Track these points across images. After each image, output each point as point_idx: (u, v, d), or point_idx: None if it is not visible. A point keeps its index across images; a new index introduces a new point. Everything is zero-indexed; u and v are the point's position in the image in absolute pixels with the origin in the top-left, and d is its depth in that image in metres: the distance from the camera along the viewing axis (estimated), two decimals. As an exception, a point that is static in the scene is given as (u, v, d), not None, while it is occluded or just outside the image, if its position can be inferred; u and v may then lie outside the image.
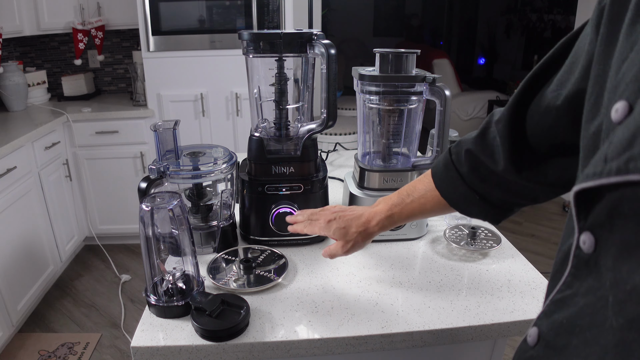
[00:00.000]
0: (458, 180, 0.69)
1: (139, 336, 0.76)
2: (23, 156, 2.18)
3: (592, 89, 0.41)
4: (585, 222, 0.36)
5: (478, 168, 0.66)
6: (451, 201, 0.72)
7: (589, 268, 0.36)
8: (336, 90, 0.94)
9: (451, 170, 0.70)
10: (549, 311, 0.41)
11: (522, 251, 1.04)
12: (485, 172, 0.65)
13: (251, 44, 0.96)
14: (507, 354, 2.09)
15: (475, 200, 0.69)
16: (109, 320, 2.30)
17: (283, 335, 0.75)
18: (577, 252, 0.38)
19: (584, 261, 0.37)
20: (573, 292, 0.38)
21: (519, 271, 0.94)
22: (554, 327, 0.40)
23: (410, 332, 0.77)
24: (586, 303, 0.36)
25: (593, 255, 0.36)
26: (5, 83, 2.64)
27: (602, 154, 0.33)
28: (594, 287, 0.35)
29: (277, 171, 1.00)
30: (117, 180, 2.77)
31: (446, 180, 0.72)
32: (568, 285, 0.39)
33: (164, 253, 0.82)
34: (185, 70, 2.64)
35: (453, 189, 0.71)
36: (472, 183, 0.68)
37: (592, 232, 0.35)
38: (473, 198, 0.69)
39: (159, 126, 0.92)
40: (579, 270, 0.38)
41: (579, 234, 0.37)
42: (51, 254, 2.45)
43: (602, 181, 0.32)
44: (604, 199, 0.33)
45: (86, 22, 2.74)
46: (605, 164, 0.32)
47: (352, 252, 0.82)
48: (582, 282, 0.37)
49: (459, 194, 0.70)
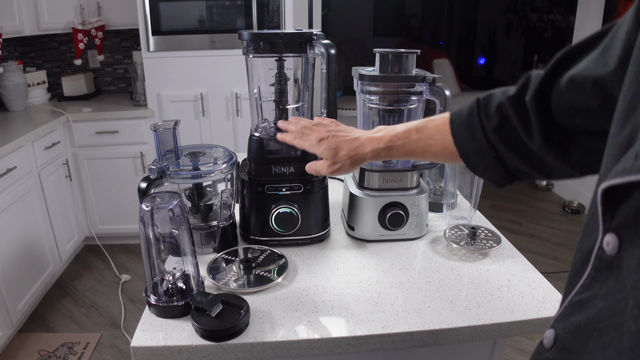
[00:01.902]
0: (479, 133, 0.65)
1: (139, 336, 0.76)
2: (23, 156, 2.18)
3: (629, 86, 0.39)
4: (611, 223, 0.35)
5: (505, 128, 0.62)
6: (462, 151, 0.68)
7: (611, 270, 0.35)
8: (336, 90, 0.94)
9: (475, 121, 0.65)
10: (566, 313, 0.40)
11: (522, 251, 1.04)
12: (511, 134, 0.62)
13: (251, 44, 0.96)
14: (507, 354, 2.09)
15: (489, 157, 0.65)
16: (109, 320, 2.30)
17: (283, 335, 0.75)
18: (599, 253, 0.37)
19: (606, 263, 0.36)
20: (592, 294, 0.37)
21: (519, 271, 0.94)
22: (571, 329, 0.39)
23: (410, 332, 0.77)
24: (605, 306, 0.35)
25: (616, 258, 0.35)
26: (5, 83, 2.64)
27: (634, 150, 0.31)
28: (615, 290, 0.34)
29: (277, 171, 1.00)
30: (117, 180, 2.77)
31: (466, 129, 0.67)
32: (587, 287, 0.38)
33: (164, 253, 0.82)
34: (185, 70, 2.64)
35: (470, 140, 0.66)
36: (493, 140, 0.64)
37: (617, 234, 0.34)
38: (488, 155, 0.65)
39: (159, 126, 0.92)
40: (599, 272, 0.37)
41: (602, 234, 0.36)
42: (51, 254, 2.45)
43: (632, 178, 0.30)
44: (632, 198, 0.32)
45: (86, 22, 2.74)
46: (637, 160, 0.30)
47: (337, 174, 0.79)
48: (602, 285, 0.36)
49: (475, 146, 0.66)
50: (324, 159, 0.80)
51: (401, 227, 1.04)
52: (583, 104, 0.52)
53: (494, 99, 0.65)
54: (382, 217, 1.03)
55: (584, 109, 0.52)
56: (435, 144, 0.71)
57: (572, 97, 0.53)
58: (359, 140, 0.77)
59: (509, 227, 3.33)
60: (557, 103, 0.56)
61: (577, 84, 0.52)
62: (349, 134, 0.79)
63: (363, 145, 0.76)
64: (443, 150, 0.70)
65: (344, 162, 0.77)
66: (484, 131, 0.65)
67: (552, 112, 0.57)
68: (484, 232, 1.07)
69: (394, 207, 1.03)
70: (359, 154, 0.76)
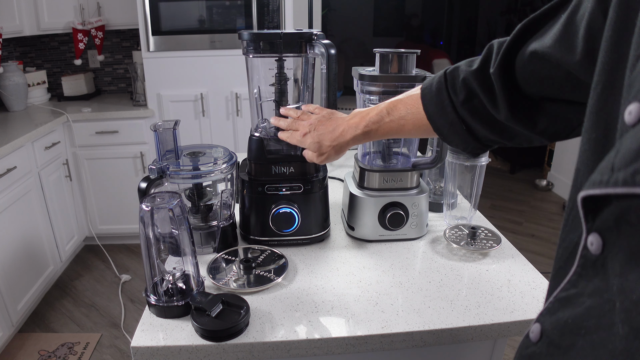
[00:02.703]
0: (449, 107, 0.68)
1: (139, 336, 0.76)
2: (23, 156, 2.18)
3: (599, 77, 0.39)
4: (593, 224, 0.35)
5: (472, 101, 0.65)
6: (435, 125, 0.71)
7: (596, 269, 0.36)
8: (336, 90, 0.94)
9: (444, 95, 0.69)
10: (552, 308, 0.40)
11: (522, 251, 1.04)
12: (478, 107, 0.65)
13: (251, 44, 0.96)
14: (507, 354, 2.09)
15: (461, 130, 0.69)
16: (109, 320, 2.30)
17: (283, 335, 0.75)
18: (584, 252, 0.37)
19: (591, 262, 0.36)
20: (579, 291, 0.38)
21: (519, 271, 0.94)
22: (559, 325, 0.39)
23: (410, 332, 0.77)
24: (592, 304, 0.35)
25: (600, 257, 0.35)
26: (5, 83, 2.64)
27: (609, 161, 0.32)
28: (601, 289, 0.35)
29: (277, 171, 1.00)
30: (117, 180, 2.77)
31: (436, 104, 0.70)
32: (573, 284, 0.38)
33: (164, 253, 0.82)
34: (185, 70, 2.64)
35: (440, 114, 0.70)
36: (462, 113, 0.67)
37: (600, 234, 0.35)
38: (459, 127, 0.69)
39: (159, 126, 0.92)
40: (585, 269, 0.37)
41: (586, 234, 0.36)
42: (51, 254, 2.45)
43: (609, 190, 0.31)
44: (612, 205, 0.33)
45: (86, 22, 2.74)
46: (612, 173, 0.31)
47: (327, 162, 0.88)
48: (588, 282, 0.37)
49: (446, 120, 0.69)
50: (312, 151, 0.87)
51: (401, 227, 1.04)
52: (547, 74, 0.53)
53: (459, 72, 0.67)
54: (382, 217, 1.03)
55: (548, 78, 0.54)
56: (407, 123, 0.76)
57: (537, 69, 0.55)
58: (338, 130, 0.84)
59: (509, 227, 3.33)
60: (521, 73, 0.58)
61: (541, 57, 0.53)
62: (326, 125, 0.86)
63: (343, 134, 0.83)
64: (416, 127, 0.75)
65: (328, 152, 0.86)
66: (453, 105, 0.68)
67: (517, 81, 0.59)
68: (484, 232, 1.07)
69: (394, 207, 1.03)
70: (341, 142, 0.84)
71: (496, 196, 3.85)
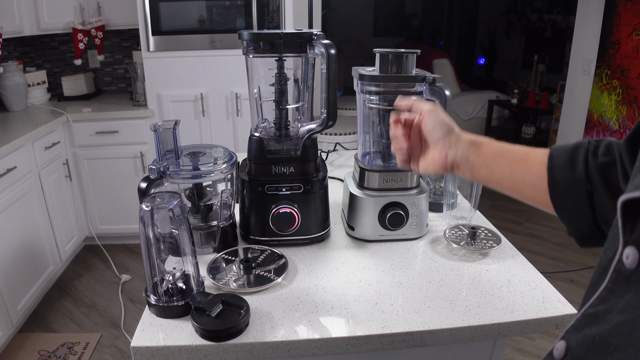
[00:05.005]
0: (580, 163, 0.58)
1: (139, 336, 0.76)
2: (23, 156, 2.18)
3: None
4: (631, 236, 0.34)
5: (610, 167, 0.55)
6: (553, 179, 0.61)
7: (629, 284, 0.34)
8: (336, 90, 0.94)
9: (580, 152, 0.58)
10: (579, 325, 0.39)
11: (522, 251, 1.04)
12: (614, 175, 0.55)
13: (251, 44, 0.96)
14: (507, 354, 2.09)
15: (582, 190, 0.58)
16: (109, 320, 2.30)
17: (283, 335, 0.75)
18: (618, 266, 0.36)
19: (625, 277, 0.35)
20: (608, 307, 0.36)
21: (519, 271, 0.94)
22: (585, 342, 0.37)
23: (410, 332, 0.77)
24: (622, 321, 0.34)
25: (635, 271, 0.34)
26: (5, 83, 2.64)
27: None
28: (633, 305, 0.34)
29: (277, 171, 1.00)
30: (117, 180, 2.77)
31: (567, 157, 0.60)
32: (602, 300, 0.37)
33: (164, 253, 0.82)
34: (185, 70, 2.64)
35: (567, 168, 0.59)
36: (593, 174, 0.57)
37: (637, 247, 0.34)
38: (582, 186, 0.58)
39: (159, 126, 0.92)
40: (616, 285, 0.36)
41: (622, 247, 0.35)
42: (51, 254, 2.45)
43: None
44: None
45: (86, 22, 2.74)
46: None
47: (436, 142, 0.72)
48: (618, 299, 0.35)
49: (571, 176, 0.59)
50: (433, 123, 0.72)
51: (401, 227, 1.04)
52: None
53: (606, 139, 0.59)
54: (382, 217, 1.03)
55: None
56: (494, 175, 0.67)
57: None
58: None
59: (509, 227, 3.33)
60: None
61: None
62: None
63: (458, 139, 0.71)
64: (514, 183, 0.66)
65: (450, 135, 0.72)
66: (585, 163, 0.58)
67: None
68: (484, 232, 1.07)
69: (394, 207, 1.03)
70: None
71: (496, 196, 3.83)
